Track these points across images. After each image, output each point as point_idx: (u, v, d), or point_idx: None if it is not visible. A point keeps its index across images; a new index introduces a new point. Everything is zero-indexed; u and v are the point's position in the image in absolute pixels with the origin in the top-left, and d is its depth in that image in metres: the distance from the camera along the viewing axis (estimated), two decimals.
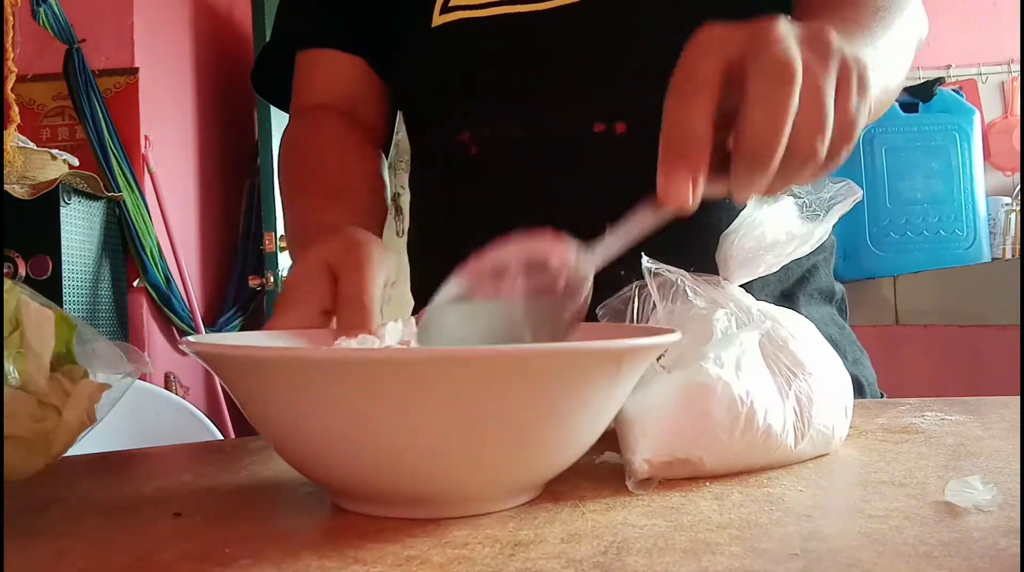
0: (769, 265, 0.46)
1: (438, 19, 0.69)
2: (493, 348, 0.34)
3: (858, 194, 0.45)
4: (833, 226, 0.46)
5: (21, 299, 0.36)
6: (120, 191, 2.35)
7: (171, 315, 2.55)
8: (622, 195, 0.66)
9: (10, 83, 1.96)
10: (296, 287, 0.47)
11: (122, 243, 2.42)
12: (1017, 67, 3.24)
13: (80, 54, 2.31)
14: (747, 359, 0.41)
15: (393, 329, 0.42)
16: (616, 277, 0.45)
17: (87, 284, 2.22)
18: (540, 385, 0.31)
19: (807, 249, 0.46)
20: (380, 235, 0.67)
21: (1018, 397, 0.57)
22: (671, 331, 0.36)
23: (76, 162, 2.16)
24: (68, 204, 2.12)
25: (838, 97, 0.36)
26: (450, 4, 0.69)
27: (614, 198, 0.64)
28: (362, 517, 0.34)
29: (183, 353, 0.37)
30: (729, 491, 0.36)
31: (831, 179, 0.45)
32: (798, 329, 0.46)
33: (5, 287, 0.35)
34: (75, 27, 2.29)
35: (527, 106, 0.66)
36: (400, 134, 0.83)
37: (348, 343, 0.42)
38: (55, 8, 2.20)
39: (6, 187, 1.94)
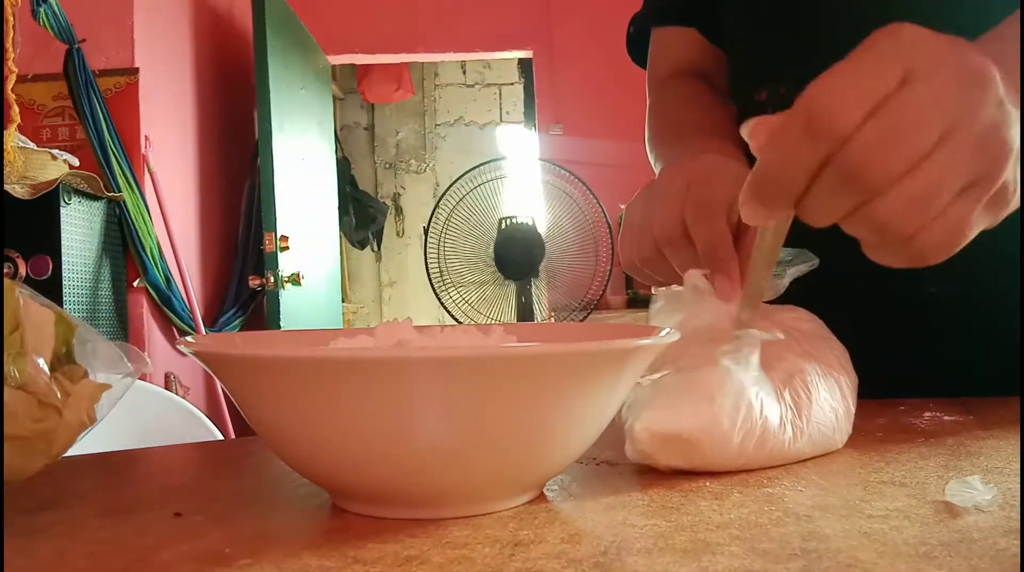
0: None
1: None
2: (493, 348, 0.34)
3: (814, 262, 0.47)
4: None
5: (21, 299, 0.36)
6: (120, 191, 2.35)
7: (171, 315, 2.55)
8: None
9: (10, 83, 1.96)
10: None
11: (122, 243, 2.42)
12: None
13: (80, 54, 2.31)
14: (752, 356, 0.41)
15: (392, 329, 0.42)
16: None
17: (87, 284, 2.22)
18: (540, 385, 0.31)
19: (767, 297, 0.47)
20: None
21: (1018, 397, 0.57)
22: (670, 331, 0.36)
23: (76, 162, 2.16)
24: (68, 204, 2.12)
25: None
26: None
27: None
28: (362, 517, 0.34)
29: (183, 353, 0.38)
30: (729, 491, 0.36)
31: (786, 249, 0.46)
32: (803, 326, 0.46)
33: (5, 287, 0.35)
34: (75, 27, 2.29)
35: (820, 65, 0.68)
36: (401, 134, 0.84)
37: (347, 343, 0.42)
38: (55, 8, 2.20)
39: (6, 187, 1.94)
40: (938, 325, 0.66)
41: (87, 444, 0.40)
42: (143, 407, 0.95)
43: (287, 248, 2.79)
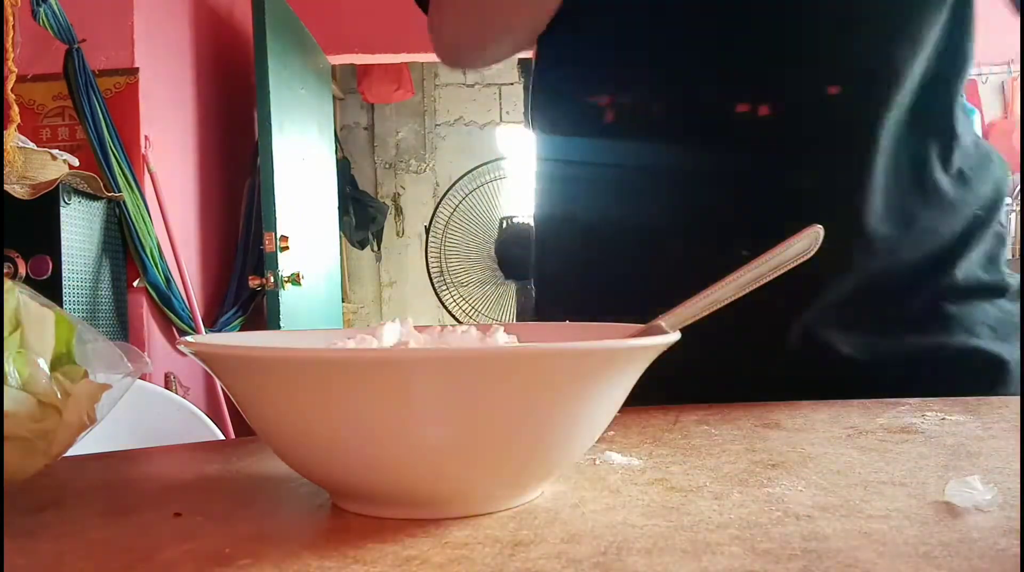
0: None
1: None
2: (493, 348, 0.34)
3: None
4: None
5: (21, 299, 0.36)
6: (120, 191, 2.35)
7: (171, 315, 2.56)
8: (759, 180, 0.67)
9: (10, 83, 1.96)
10: None
11: (122, 243, 2.42)
12: (1017, 67, 3.25)
13: (80, 54, 2.31)
14: None
15: (392, 329, 0.42)
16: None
17: (87, 284, 2.22)
18: (540, 385, 0.31)
19: None
20: None
21: (1018, 397, 0.57)
22: (671, 331, 0.36)
23: (76, 162, 2.16)
24: (68, 204, 2.12)
25: None
26: None
27: (749, 182, 0.65)
28: (362, 517, 0.34)
29: (183, 353, 0.38)
30: (729, 491, 0.36)
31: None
32: None
33: (5, 287, 0.36)
34: (75, 27, 2.29)
35: (670, 76, 0.66)
36: (401, 134, 0.83)
37: (347, 343, 0.42)
38: (55, 8, 2.20)
39: (6, 187, 1.94)
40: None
41: (87, 444, 0.40)
42: (143, 407, 0.95)
43: (287, 248, 2.80)
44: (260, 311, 2.98)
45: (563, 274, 0.75)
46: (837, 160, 0.63)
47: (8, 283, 0.36)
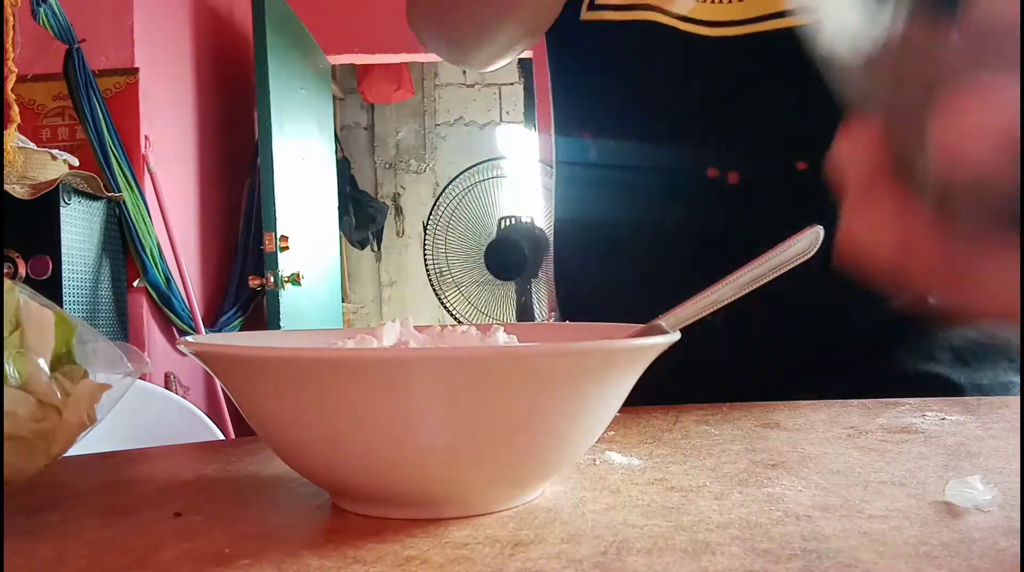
0: None
1: (585, 15, 0.69)
2: (493, 348, 0.34)
3: None
4: None
5: (21, 299, 0.36)
6: (120, 191, 2.35)
7: (171, 315, 2.56)
8: (724, 245, 0.68)
9: (10, 83, 1.96)
10: None
11: (122, 243, 2.42)
12: None
13: (80, 54, 2.31)
14: None
15: (392, 329, 0.42)
16: None
17: (87, 284, 2.22)
18: (540, 385, 0.31)
19: None
20: None
21: (1018, 397, 0.57)
22: (670, 331, 0.36)
23: (76, 162, 2.16)
24: (68, 204, 2.12)
25: None
26: (597, 2, 0.68)
27: (715, 245, 0.66)
28: (362, 517, 0.34)
29: (183, 353, 0.38)
30: (729, 491, 0.36)
31: None
32: None
33: (5, 287, 0.36)
34: (75, 27, 2.29)
35: (644, 127, 0.67)
36: (401, 134, 0.84)
37: (347, 343, 0.42)
38: (55, 8, 2.20)
39: (6, 187, 1.95)
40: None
41: (87, 444, 0.40)
42: (143, 407, 0.95)
43: (287, 248, 2.80)
44: (260, 311, 2.98)
45: (583, 275, 0.76)
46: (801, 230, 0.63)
47: (8, 283, 0.36)
